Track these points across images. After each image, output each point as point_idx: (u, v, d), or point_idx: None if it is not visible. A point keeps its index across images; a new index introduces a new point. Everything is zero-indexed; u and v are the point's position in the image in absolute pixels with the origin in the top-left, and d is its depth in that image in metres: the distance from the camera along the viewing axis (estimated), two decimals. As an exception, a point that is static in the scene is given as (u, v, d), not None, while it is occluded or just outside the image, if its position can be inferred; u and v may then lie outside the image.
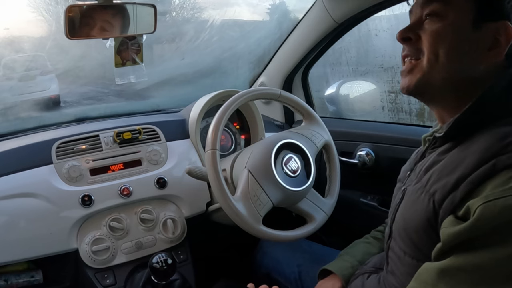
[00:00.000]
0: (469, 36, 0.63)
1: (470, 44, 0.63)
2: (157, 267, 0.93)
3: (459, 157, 0.60)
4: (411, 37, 0.68)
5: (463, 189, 0.55)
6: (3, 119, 1.63)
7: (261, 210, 0.99)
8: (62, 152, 1.11)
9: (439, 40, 0.64)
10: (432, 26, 0.66)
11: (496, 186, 0.52)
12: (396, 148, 1.25)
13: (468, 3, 0.63)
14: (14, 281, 1.03)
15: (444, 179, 0.59)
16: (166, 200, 1.17)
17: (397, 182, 0.81)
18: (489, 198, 0.51)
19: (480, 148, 0.57)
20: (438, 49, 0.64)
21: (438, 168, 0.63)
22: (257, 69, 1.66)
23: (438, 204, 0.59)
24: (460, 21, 0.63)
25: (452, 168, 0.59)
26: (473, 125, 0.61)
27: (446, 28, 0.64)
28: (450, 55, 0.64)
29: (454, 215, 0.56)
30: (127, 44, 1.03)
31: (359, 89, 1.55)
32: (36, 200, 1.02)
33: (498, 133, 0.57)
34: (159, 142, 1.23)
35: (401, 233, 0.68)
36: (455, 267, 0.53)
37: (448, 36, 0.64)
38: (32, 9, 2.04)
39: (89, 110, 1.58)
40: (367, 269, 0.83)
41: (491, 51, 0.63)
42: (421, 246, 0.63)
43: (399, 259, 0.69)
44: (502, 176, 0.52)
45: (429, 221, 0.60)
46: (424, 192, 0.63)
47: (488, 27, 0.63)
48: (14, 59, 1.93)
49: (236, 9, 2.21)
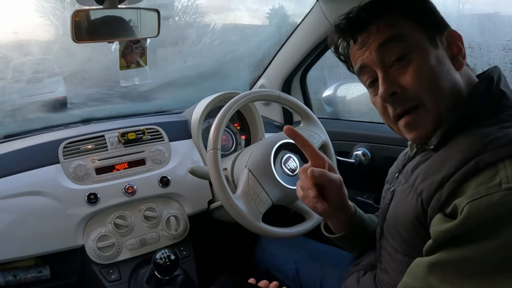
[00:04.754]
0: (435, 55, 0.63)
1: (440, 61, 0.64)
2: (160, 263, 0.93)
3: (443, 158, 0.60)
4: (396, 91, 0.64)
5: (448, 188, 0.56)
6: (12, 120, 1.62)
7: (261, 208, 0.99)
8: (68, 152, 1.11)
9: (424, 77, 0.63)
10: (407, 68, 0.63)
11: (480, 184, 0.52)
12: (391, 148, 1.24)
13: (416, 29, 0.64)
14: (22, 276, 1.03)
15: (430, 179, 0.59)
16: (169, 198, 1.17)
17: (385, 183, 0.81)
18: (474, 196, 0.51)
19: (463, 148, 0.57)
20: (430, 84, 0.63)
21: (423, 168, 0.63)
22: (257, 72, 1.66)
23: (426, 203, 0.59)
24: (422, 47, 0.63)
25: (436, 168, 0.59)
26: (457, 131, 0.61)
27: (420, 62, 0.63)
28: (440, 81, 0.63)
29: (442, 213, 0.56)
30: (131, 48, 1.03)
31: (355, 91, 1.55)
32: (44, 198, 1.02)
33: (479, 133, 0.58)
34: (163, 142, 1.23)
35: (392, 232, 0.68)
36: (444, 261, 0.53)
37: (426, 67, 0.63)
38: (39, 14, 2.04)
39: (95, 111, 1.58)
40: (362, 266, 0.82)
41: (454, 60, 0.65)
42: (411, 243, 0.64)
43: (391, 257, 0.69)
44: (484, 175, 0.53)
45: (418, 219, 0.61)
46: (412, 191, 0.63)
47: (440, 40, 0.65)
48: (23, 62, 1.93)
49: (237, 14, 2.21)
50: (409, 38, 0.64)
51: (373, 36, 0.66)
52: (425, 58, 0.63)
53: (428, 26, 0.65)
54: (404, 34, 0.64)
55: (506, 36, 1.24)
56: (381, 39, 0.65)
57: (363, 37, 0.67)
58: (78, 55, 1.81)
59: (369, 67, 0.67)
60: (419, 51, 0.63)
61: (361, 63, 0.68)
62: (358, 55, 0.69)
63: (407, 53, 0.64)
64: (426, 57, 0.63)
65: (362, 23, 0.67)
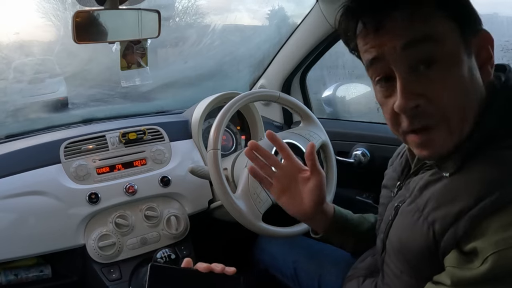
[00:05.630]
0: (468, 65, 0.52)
1: (472, 73, 0.53)
2: (161, 262, 0.93)
3: (460, 185, 0.52)
4: (420, 104, 0.52)
5: (465, 223, 0.49)
6: (14, 120, 1.62)
7: (260, 208, 0.99)
8: (70, 152, 1.11)
9: (455, 89, 0.51)
10: (436, 76, 0.51)
11: (505, 228, 0.46)
12: (390, 148, 1.24)
13: (453, 30, 0.52)
14: (24, 275, 1.03)
15: (444, 209, 0.52)
16: (170, 198, 1.17)
17: (383, 187, 0.77)
18: (500, 246, 0.45)
19: (483, 176, 0.50)
20: (459, 99, 0.51)
21: (435, 193, 0.55)
22: (257, 72, 1.66)
23: (438, 235, 0.52)
24: (457, 54, 0.52)
25: (451, 197, 0.52)
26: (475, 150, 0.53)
27: (453, 72, 0.51)
28: (470, 97, 0.52)
29: (458, 250, 0.50)
30: (132, 48, 1.03)
31: (355, 91, 1.55)
32: (45, 198, 1.02)
33: (501, 158, 0.50)
34: (163, 142, 1.23)
35: (397, 254, 0.62)
36: None
37: (460, 78, 0.51)
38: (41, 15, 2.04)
39: (96, 112, 1.57)
40: (361, 271, 0.80)
41: (482, 68, 0.54)
42: (420, 268, 0.58)
43: (395, 276, 0.64)
44: (508, 213, 0.46)
45: (429, 249, 0.54)
46: (422, 218, 0.55)
47: (473, 43, 0.53)
48: (24, 62, 1.92)
49: (237, 15, 2.21)
50: (445, 42, 0.51)
51: (401, 27, 0.52)
52: (459, 68, 0.52)
53: (465, 26, 0.53)
54: (441, 36, 0.51)
55: (504, 36, 1.24)
56: (411, 36, 0.51)
57: (389, 23, 0.52)
58: (79, 56, 1.81)
59: (386, 62, 0.54)
60: (453, 59, 0.52)
61: (377, 55, 0.54)
62: (374, 43, 0.54)
63: (439, 59, 0.51)
64: (460, 67, 0.52)
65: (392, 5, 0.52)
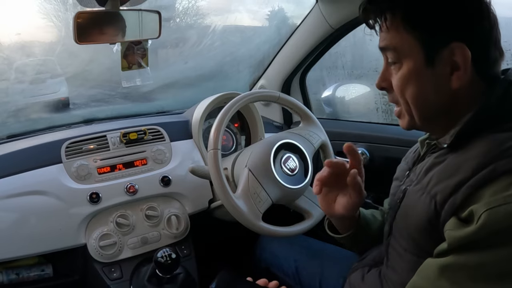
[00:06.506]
0: (426, 75, 0.61)
1: (430, 81, 0.62)
2: (161, 261, 0.93)
3: (458, 161, 0.59)
4: (384, 87, 0.68)
5: (463, 192, 0.55)
6: (15, 120, 1.62)
7: (261, 207, 0.99)
8: (71, 152, 1.11)
9: (403, 89, 0.64)
10: (395, 75, 0.65)
11: (497, 192, 0.52)
12: (390, 147, 1.25)
13: (414, 42, 0.61)
14: (25, 274, 1.03)
15: (444, 182, 0.58)
16: (170, 197, 1.17)
17: (394, 180, 0.80)
18: (491, 205, 0.51)
19: (479, 153, 0.56)
20: (406, 97, 0.64)
21: (438, 170, 0.62)
22: (257, 73, 1.66)
23: (439, 206, 0.58)
24: (413, 64, 0.62)
25: (452, 172, 0.58)
26: (473, 132, 0.60)
27: (405, 76, 0.63)
28: (417, 99, 0.63)
29: (456, 217, 0.55)
30: (133, 49, 1.03)
31: (354, 92, 1.55)
32: (46, 198, 1.02)
33: (497, 138, 0.56)
34: (164, 142, 1.23)
35: (402, 232, 0.67)
36: (457, 264, 0.53)
37: (410, 82, 0.63)
38: (42, 16, 2.03)
39: (97, 112, 1.57)
40: (367, 262, 0.81)
41: (454, 75, 0.60)
42: (422, 244, 0.63)
43: (399, 256, 0.68)
44: (502, 181, 0.52)
45: (430, 222, 0.60)
46: (425, 193, 0.61)
47: (442, 55, 0.60)
48: (26, 63, 1.92)
49: (237, 16, 2.20)
50: (403, 52, 0.62)
51: (380, 34, 0.66)
52: (413, 75, 0.62)
53: (430, 38, 0.60)
54: (399, 47, 0.63)
55: (503, 37, 1.24)
56: (382, 43, 0.65)
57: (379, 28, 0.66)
58: (80, 56, 1.81)
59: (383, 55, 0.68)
60: (411, 66, 0.62)
61: (379, 46, 0.68)
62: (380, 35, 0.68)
63: (399, 61, 0.64)
64: (415, 74, 0.62)
65: (368, 15, 0.66)
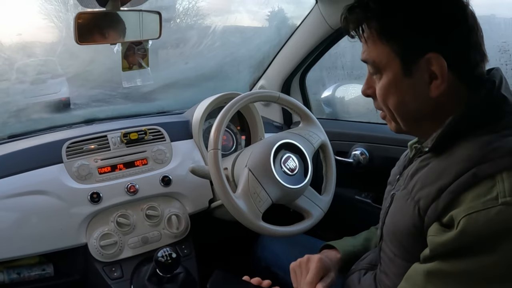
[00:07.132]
0: (406, 85, 0.62)
1: (410, 91, 0.62)
2: (162, 261, 0.93)
3: (441, 166, 0.59)
4: (369, 94, 0.69)
5: (444, 198, 0.55)
6: (16, 120, 1.62)
7: (261, 207, 0.99)
8: (72, 152, 1.11)
9: (385, 98, 0.65)
10: (377, 84, 0.66)
11: (477, 197, 0.51)
12: (389, 148, 1.25)
13: (391, 53, 0.62)
14: (26, 274, 1.03)
15: (427, 188, 0.58)
16: (171, 197, 1.17)
17: (388, 184, 0.80)
18: (471, 210, 0.51)
19: (461, 157, 0.56)
20: (388, 105, 0.65)
21: (421, 175, 0.62)
22: (257, 73, 1.66)
23: (423, 211, 0.58)
24: (392, 75, 0.62)
25: (435, 177, 0.58)
26: (455, 136, 0.60)
27: (385, 87, 0.64)
28: (398, 108, 0.64)
29: (438, 223, 0.56)
30: (133, 49, 1.03)
31: (353, 92, 1.55)
32: (47, 198, 1.02)
33: (479, 141, 0.56)
34: (164, 142, 1.23)
35: (390, 237, 0.68)
36: (442, 271, 0.53)
37: (390, 92, 0.64)
38: (43, 16, 2.04)
39: (98, 112, 1.57)
40: (363, 265, 0.82)
41: (432, 84, 0.60)
42: (410, 249, 0.63)
43: (390, 260, 0.69)
44: (482, 186, 0.52)
45: (415, 227, 0.60)
46: (410, 198, 0.62)
47: (419, 65, 0.60)
48: (26, 63, 1.92)
49: (237, 16, 2.20)
50: (382, 64, 0.63)
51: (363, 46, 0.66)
52: (393, 86, 0.63)
53: (405, 49, 0.61)
54: (377, 61, 0.63)
55: (501, 38, 1.24)
56: (363, 56, 0.66)
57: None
58: (81, 57, 1.81)
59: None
60: (389, 77, 0.63)
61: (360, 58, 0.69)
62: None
63: (379, 72, 0.64)
64: (394, 85, 0.63)
65: (348, 24, 0.66)
